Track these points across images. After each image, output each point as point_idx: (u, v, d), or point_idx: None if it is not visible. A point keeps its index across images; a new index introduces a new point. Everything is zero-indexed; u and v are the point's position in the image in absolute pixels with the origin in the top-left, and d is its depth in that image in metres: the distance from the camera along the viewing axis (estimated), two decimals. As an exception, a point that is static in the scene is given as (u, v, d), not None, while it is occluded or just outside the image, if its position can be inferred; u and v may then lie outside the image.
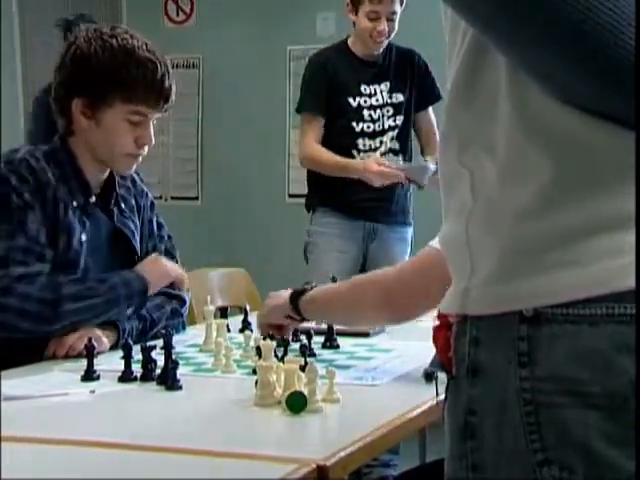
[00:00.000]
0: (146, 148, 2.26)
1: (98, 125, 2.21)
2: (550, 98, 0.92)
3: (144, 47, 2.20)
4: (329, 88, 3.81)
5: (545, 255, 0.92)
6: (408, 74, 3.90)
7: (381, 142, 3.83)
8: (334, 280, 3.01)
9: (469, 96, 0.99)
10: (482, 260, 0.97)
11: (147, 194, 2.45)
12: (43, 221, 2.14)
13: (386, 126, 3.84)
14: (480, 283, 0.97)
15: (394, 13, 3.74)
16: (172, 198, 5.87)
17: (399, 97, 3.87)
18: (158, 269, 2.32)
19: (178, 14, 5.98)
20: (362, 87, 3.82)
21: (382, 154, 3.83)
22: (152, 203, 2.47)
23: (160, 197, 5.61)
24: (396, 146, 3.86)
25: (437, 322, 1.05)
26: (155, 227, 2.44)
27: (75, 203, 2.21)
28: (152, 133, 2.24)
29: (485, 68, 0.98)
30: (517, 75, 0.94)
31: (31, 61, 6.21)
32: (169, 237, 2.48)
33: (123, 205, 2.34)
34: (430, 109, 3.96)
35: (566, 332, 0.91)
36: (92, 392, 1.76)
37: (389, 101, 3.86)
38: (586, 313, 0.90)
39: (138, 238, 2.36)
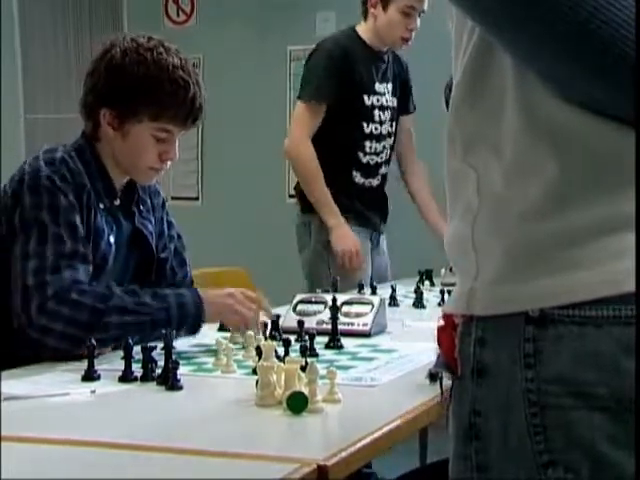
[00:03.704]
0: (169, 163, 2.26)
1: (124, 137, 2.21)
2: (557, 98, 0.92)
3: (178, 64, 2.20)
4: (346, 82, 3.53)
5: (551, 256, 0.92)
6: (401, 78, 3.78)
7: (384, 147, 3.68)
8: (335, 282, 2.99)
9: (475, 96, 0.99)
10: (488, 260, 0.97)
11: (159, 193, 2.46)
12: (82, 222, 2.14)
13: (388, 130, 3.69)
14: (486, 283, 0.97)
15: (423, 11, 3.57)
16: (173, 198, 5.87)
17: (395, 101, 3.74)
18: (223, 303, 2.18)
19: (178, 14, 5.99)
20: (376, 85, 3.63)
21: (384, 162, 3.70)
22: (163, 202, 2.48)
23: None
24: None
25: (442, 322, 1.05)
26: (166, 226, 2.45)
27: (102, 205, 2.22)
28: (177, 149, 2.25)
29: (491, 69, 0.97)
30: (524, 76, 0.94)
31: (31, 60, 6.21)
32: (179, 236, 2.48)
33: (142, 206, 2.35)
34: (410, 118, 3.84)
35: (572, 333, 0.90)
36: (92, 392, 1.76)
37: (391, 104, 3.71)
38: (592, 315, 0.90)
39: (155, 238, 2.37)
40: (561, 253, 0.92)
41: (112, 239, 2.22)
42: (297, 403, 1.56)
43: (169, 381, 1.77)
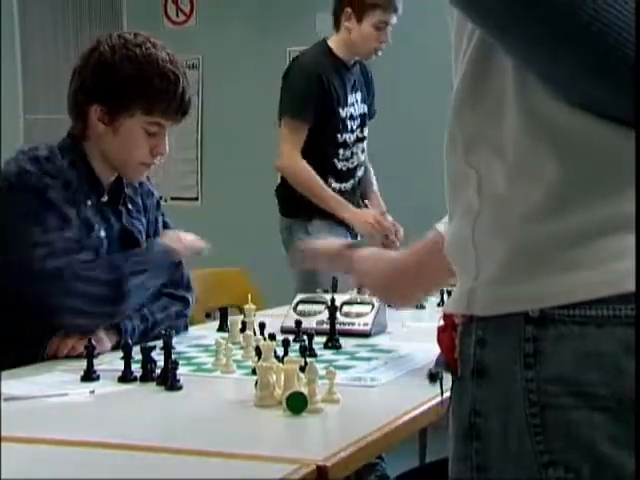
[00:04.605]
0: (159, 157, 2.27)
1: (115, 133, 2.22)
2: (557, 100, 0.92)
3: (167, 58, 2.21)
4: (324, 99, 3.69)
5: (552, 257, 0.92)
6: (367, 85, 3.88)
7: (352, 153, 3.81)
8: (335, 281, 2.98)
9: (476, 98, 0.99)
10: (488, 261, 0.97)
11: (153, 193, 2.46)
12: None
13: (357, 136, 3.82)
14: (486, 284, 0.97)
15: (393, 25, 3.71)
16: (172, 199, 5.87)
17: (365, 108, 3.86)
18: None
19: (178, 15, 5.98)
20: (349, 97, 3.78)
21: (355, 166, 3.83)
22: (158, 202, 2.48)
23: (160, 198, 5.58)
24: (362, 159, 3.87)
25: (442, 322, 1.05)
26: (160, 226, 2.45)
27: (89, 202, 2.22)
28: (167, 143, 2.26)
29: (492, 71, 0.98)
30: (524, 77, 0.94)
31: (31, 60, 6.21)
32: None
33: (131, 205, 2.35)
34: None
35: (572, 333, 0.90)
36: (92, 392, 1.76)
37: (361, 111, 3.84)
38: (592, 314, 0.90)
39: (144, 238, 2.37)
40: (562, 254, 0.92)
41: (102, 233, 2.22)
42: (297, 403, 1.56)
43: (168, 381, 1.77)
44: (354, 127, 3.79)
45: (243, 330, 2.28)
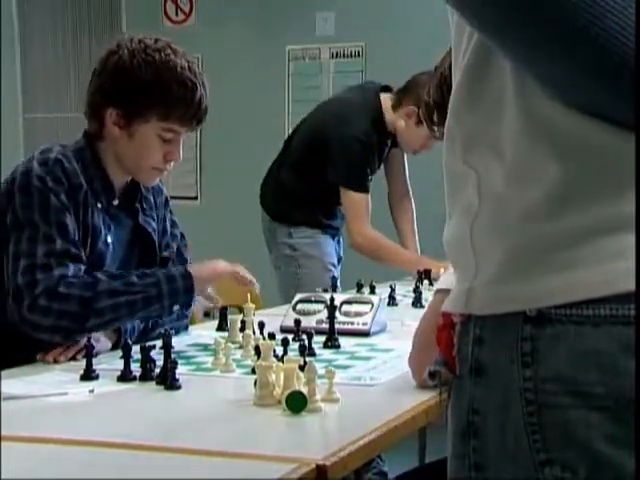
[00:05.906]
0: (173, 164, 2.27)
1: (130, 137, 2.22)
2: (556, 101, 0.92)
3: (186, 66, 2.21)
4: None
5: (550, 256, 0.92)
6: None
7: None
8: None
9: (475, 98, 0.99)
10: (487, 260, 0.97)
11: (162, 191, 2.47)
12: (76, 223, 2.15)
13: None
14: (484, 283, 0.97)
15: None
16: (171, 198, 5.85)
17: (385, 151, 3.86)
18: (208, 266, 2.27)
19: (177, 14, 5.99)
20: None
21: None
22: (167, 200, 2.48)
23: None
24: None
25: (440, 321, 1.05)
26: (169, 225, 2.45)
27: (99, 205, 2.22)
28: (181, 150, 2.26)
29: (490, 71, 0.98)
30: (523, 78, 0.94)
31: (30, 60, 6.21)
32: (182, 236, 2.48)
33: (145, 204, 2.36)
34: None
35: (569, 333, 0.91)
36: (91, 392, 1.76)
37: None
38: (589, 314, 0.90)
39: (158, 235, 2.38)
40: (560, 254, 0.92)
41: (110, 239, 2.22)
42: (296, 403, 1.56)
43: (168, 380, 1.77)
44: None
45: (242, 329, 2.28)
